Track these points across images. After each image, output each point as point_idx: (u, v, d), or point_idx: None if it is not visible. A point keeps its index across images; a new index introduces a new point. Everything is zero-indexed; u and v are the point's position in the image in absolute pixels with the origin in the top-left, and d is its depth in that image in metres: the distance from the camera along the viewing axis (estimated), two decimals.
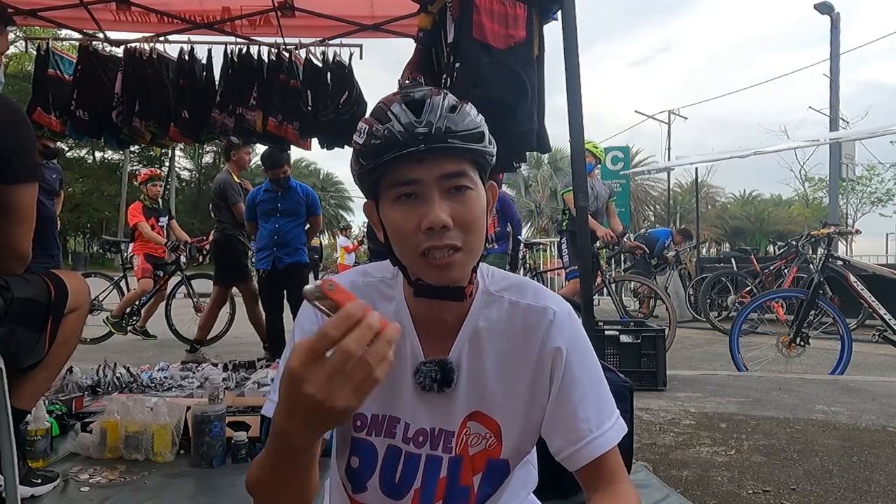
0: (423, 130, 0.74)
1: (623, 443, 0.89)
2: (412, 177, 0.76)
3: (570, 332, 0.87)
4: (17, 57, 17.38)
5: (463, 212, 0.77)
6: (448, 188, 0.77)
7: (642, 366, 3.67)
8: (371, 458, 0.88)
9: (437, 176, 0.76)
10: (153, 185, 5.97)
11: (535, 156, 28.94)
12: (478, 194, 0.79)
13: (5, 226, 1.55)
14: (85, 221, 34.49)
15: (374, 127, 0.77)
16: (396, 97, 0.79)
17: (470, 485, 0.87)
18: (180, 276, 5.86)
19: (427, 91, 0.79)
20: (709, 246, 35.96)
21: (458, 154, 0.77)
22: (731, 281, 8.21)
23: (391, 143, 0.75)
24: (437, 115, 0.76)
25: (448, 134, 0.75)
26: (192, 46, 3.81)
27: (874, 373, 4.59)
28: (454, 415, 0.86)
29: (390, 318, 0.87)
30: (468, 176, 0.78)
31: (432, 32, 2.57)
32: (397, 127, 0.75)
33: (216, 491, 2.03)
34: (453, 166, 0.77)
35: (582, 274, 2.09)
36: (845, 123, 18.14)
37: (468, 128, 0.77)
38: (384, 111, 0.78)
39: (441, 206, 0.75)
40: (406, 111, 0.76)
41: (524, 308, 0.87)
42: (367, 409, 0.87)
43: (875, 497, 2.07)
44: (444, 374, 0.84)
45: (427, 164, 0.75)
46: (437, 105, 0.77)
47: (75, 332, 1.82)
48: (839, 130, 12.69)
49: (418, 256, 0.77)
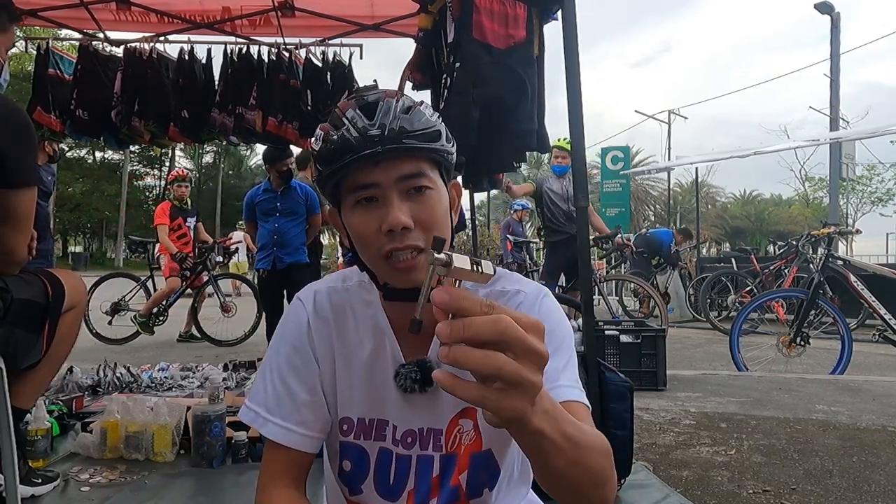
0: (376, 133, 0.74)
1: (623, 442, 0.89)
2: (370, 180, 0.75)
3: (539, 308, 0.86)
4: (17, 57, 17.36)
5: (423, 212, 0.76)
6: (407, 189, 0.76)
7: (642, 366, 3.67)
8: (362, 461, 0.88)
9: (395, 178, 0.75)
10: (179, 186, 5.94)
11: (535, 156, 28.97)
12: (438, 193, 0.79)
13: (3, 230, 1.55)
14: (85, 221, 34.48)
15: (329, 132, 0.77)
16: (351, 102, 0.79)
17: (458, 484, 0.87)
18: (207, 276, 5.88)
19: (381, 93, 0.79)
20: (709, 246, 35.96)
21: (414, 154, 0.76)
22: (731, 281, 8.22)
23: (346, 147, 0.75)
24: (391, 116, 0.75)
25: (402, 134, 0.75)
26: (192, 46, 3.81)
27: (874, 373, 4.59)
28: (441, 413, 0.86)
29: (370, 322, 0.88)
30: (426, 175, 0.77)
31: (432, 32, 2.57)
32: (352, 131, 0.75)
33: (216, 491, 2.03)
34: (410, 167, 0.76)
35: (582, 274, 2.09)
36: (845, 123, 18.15)
37: (423, 127, 0.77)
38: (339, 116, 0.78)
39: (401, 208, 0.75)
40: (360, 115, 0.76)
41: (496, 294, 0.87)
42: (353, 413, 0.88)
43: (875, 497, 2.07)
44: (423, 374, 0.83)
45: (384, 166, 0.75)
46: (390, 107, 0.76)
47: (73, 330, 1.82)
48: (839, 130, 12.69)
49: (382, 260, 0.77)
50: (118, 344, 5.77)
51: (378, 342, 0.87)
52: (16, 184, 1.54)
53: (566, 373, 0.80)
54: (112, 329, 5.86)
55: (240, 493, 1.97)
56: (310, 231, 4.70)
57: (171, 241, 5.72)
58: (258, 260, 4.49)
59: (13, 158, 1.52)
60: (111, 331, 5.87)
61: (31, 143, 1.61)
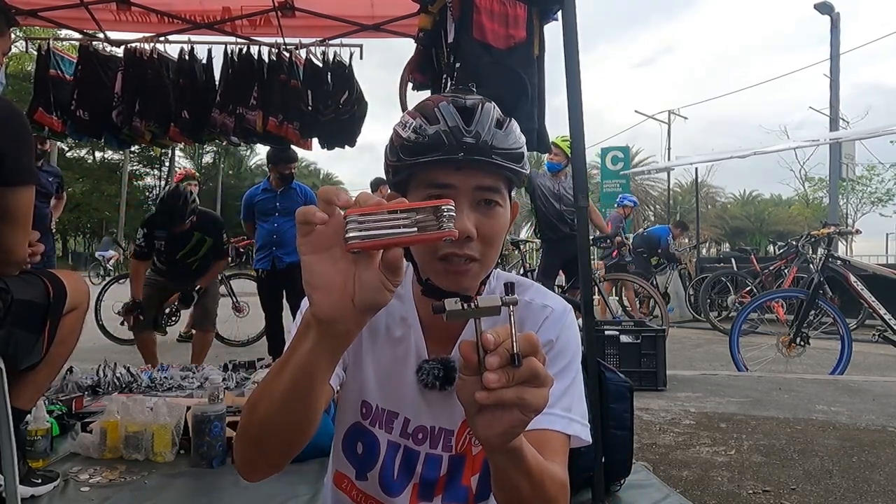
0: (470, 141, 0.75)
1: (623, 442, 0.89)
2: (448, 181, 0.77)
3: (563, 328, 0.87)
4: (17, 57, 17.35)
5: (488, 225, 0.78)
6: (479, 200, 0.78)
7: (642, 366, 3.67)
8: (374, 449, 0.89)
9: (473, 186, 0.77)
10: (188, 184, 5.93)
11: (535, 155, 28.94)
12: (504, 210, 0.81)
13: (1, 228, 1.55)
14: (85, 221, 34.50)
15: (422, 124, 0.78)
16: (449, 100, 0.79)
17: (469, 485, 0.87)
18: (219, 277, 5.85)
19: (478, 100, 0.80)
20: (709, 246, 35.97)
21: (496, 170, 0.78)
22: (731, 281, 8.21)
23: (436, 145, 0.76)
24: (486, 127, 0.77)
25: (493, 149, 0.76)
26: (192, 46, 3.81)
27: (874, 373, 4.59)
28: (456, 414, 0.86)
29: (398, 313, 0.88)
30: (500, 192, 0.79)
31: (432, 32, 2.57)
32: (445, 130, 0.76)
33: (216, 491, 2.03)
34: (490, 180, 0.78)
35: (582, 274, 2.09)
36: (845, 123, 18.16)
37: (511, 147, 0.78)
38: (432, 109, 0.78)
39: (469, 216, 0.76)
40: (456, 115, 0.77)
41: (524, 305, 0.88)
42: (372, 399, 0.88)
43: (875, 497, 2.07)
44: (446, 373, 0.84)
45: (465, 172, 0.76)
46: (486, 117, 0.78)
47: (74, 332, 1.82)
48: (839, 130, 12.69)
49: (435, 259, 0.78)
50: (131, 344, 5.77)
51: (403, 333, 0.88)
52: (13, 182, 1.54)
53: (563, 400, 0.81)
54: (124, 329, 5.85)
55: (240, 493, 1.97)
56: None
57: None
58: (257, 260, 4.49)
59: (11, 157, 1.52)
60: (123, 331, 5.86)
61: (28, 142, 1.62)
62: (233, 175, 39.18)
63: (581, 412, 0.83)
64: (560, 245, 4.84)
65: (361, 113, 3.92)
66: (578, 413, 0.82)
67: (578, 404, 0.83)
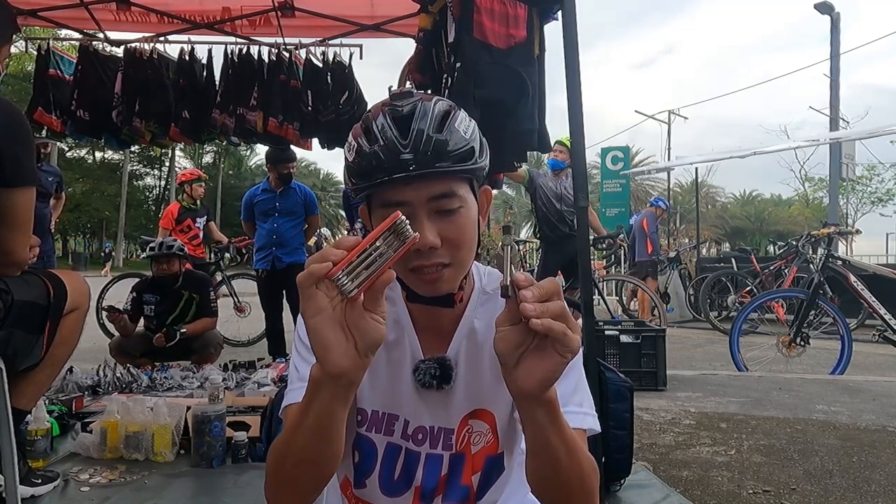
0: (408, 156, 0.73)
1: (623, 442, 0.90)
2: (401, 199, 0.75)
3: None
4: (17, 57, 17.34)
5: (451, 230, 0.77)
6: (437, 209, 0.76)
7: (642, 366, 3.67)
8: (371, 454, 0.88)
9: (426, 198, 0.75)
10: (199, 185, 5.91)
11: (535, 155, 28.96)
12: (467, 209, 0.79)
13: (1, 229, 1.54)
14: (85, 221, 34.53)
15: (361, 146, 0.77)
16: (385, 110, 0.77)
17: (470, 484, 0.87)
18: (221, 277, 5.83)
19: (414, 102, 0.77)
20: (709, 246, 35.94)
21: (444, 176, 0.76)
22: (731, 281, 8.21)
23: (377, 165, 0.74)
24: (424, 135, 0.74)
25: (435, 158, 0.74)
26: (192, 46, 3.81)
27: (874, 373, 4.59)
28: (454, 412, 0.87)
29: (391, 316, 0.88)
30: (457, 196, 0.77)
31: (433, 32, 2.57)
32: (382, 147, 0.74)
33: (216, 491, 2.03)
34: (441, 187, 0.76)
35: (582, 274, 2.09)
36: (845, 123, 18.15)
37: (457, 147, 0.76)
38: (370, 125, 0.77)
39: (429, 229, 0.75)
40: (391, 129, 0.75)
41: None
42: (368, 406, 0.88)
43: (875, 497, 2.07)
44: (443, 371, 0.84)
45: (414, 186, 0.75)
46: (424, 122, 0.75)
47: (75, 332, 1.82)
48: (839, 130, 12.69)
49: (408, 272, 0.78)
50: None
51: (397, 336, 0.87)
52: (13, 183, 1.54)
53: (575, 396, 0.82)
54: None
55: (240, 493, 1.97)
56: (308, 231, 4.70)
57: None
58: (257, 260, 4.49)
59: (11, 158, 1.52)
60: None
61: (28, 142, 1.61)
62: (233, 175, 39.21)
63: (590, 405, 0.85)
64: (560, 245, 4.84)
65: (361, 113, 3.86)
66: (588, 406, 0.84)
67: (587, 398, 0.85)
